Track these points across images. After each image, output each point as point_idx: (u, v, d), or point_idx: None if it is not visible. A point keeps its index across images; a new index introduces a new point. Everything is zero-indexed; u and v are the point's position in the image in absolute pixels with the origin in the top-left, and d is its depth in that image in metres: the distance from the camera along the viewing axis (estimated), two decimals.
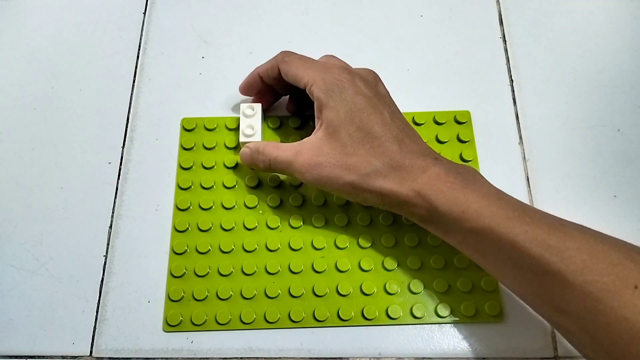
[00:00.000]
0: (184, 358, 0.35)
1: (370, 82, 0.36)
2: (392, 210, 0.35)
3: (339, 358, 0.36)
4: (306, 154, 0.35)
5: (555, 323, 0.30)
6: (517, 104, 0.44)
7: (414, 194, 0.32)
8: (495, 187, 0.32)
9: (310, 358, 0.35)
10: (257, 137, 0.39)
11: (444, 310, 0.36)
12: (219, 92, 0.44)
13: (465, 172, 0.33)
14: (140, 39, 0.46)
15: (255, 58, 0.45)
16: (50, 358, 0.36)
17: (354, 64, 0.38)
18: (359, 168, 0.33)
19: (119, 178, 0.41)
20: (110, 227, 0.39)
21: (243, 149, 0.39)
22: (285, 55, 0.38)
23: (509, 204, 0.30)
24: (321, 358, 0.35)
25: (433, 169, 0.32)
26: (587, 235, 0.28)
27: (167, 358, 0.35)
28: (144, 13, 0.47)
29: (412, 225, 0.38)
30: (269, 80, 0.39)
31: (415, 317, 0.36)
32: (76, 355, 0.36)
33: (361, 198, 0.34)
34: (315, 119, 0.36)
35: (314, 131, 0.36)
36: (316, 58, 0.39)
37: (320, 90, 0.35)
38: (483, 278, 0.37)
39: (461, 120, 0.42)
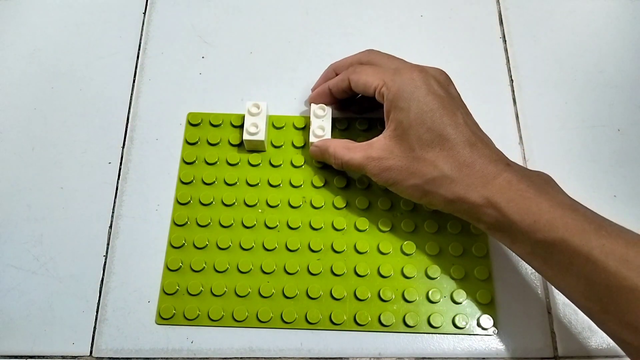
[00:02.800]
0: (184, 358, 0.35)
1: (442, 82, 0.35)
2: (458, 216, 0.34)
3: (339, 358, 0.36)
4: (375, 157, 0.34)
5: (623, 341, 0.28)
6: (517, 104, 0.43)
7: (484, 200, 0.31)
8: (570, 197, 0.31)
9: (310, 358, 0.35)
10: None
11: (437, 321, 0.36)
12: (219, 92, 0.44)
13: (539, 180, 0.32)
14: (140, 39, 0.46)
15: (255, 58, 0.45)
16: (50, 358, 0.36)
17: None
18: (426, 172, 0.32)
19: (119, 178, 0.41)
20: (110, 227, 0.39)
21: (312, 149, 0.39)
22: (357, 66, 0.38)
23: (585, 215, 0.29)
24: (321, 358, 0.35)
25: (504, 175, 0.31)
26: None
27: (167, 358, 0.35)
28: (144, 13, 0.47)
29: (410, 232, 0.38)
30: (338, 93, 0.39)
31: (407, 326, 0.36)
32: (76, 355, 0.36)
33: (427, 201, 0.34)
34: (385, 119, 0.35)
35: (384, 132, 0.35)
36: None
37: (390, 91, 0.34)
38: (479, 290, 0.37)
39: None
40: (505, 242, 0.32)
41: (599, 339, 0.36)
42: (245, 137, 0.39)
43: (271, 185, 0.40)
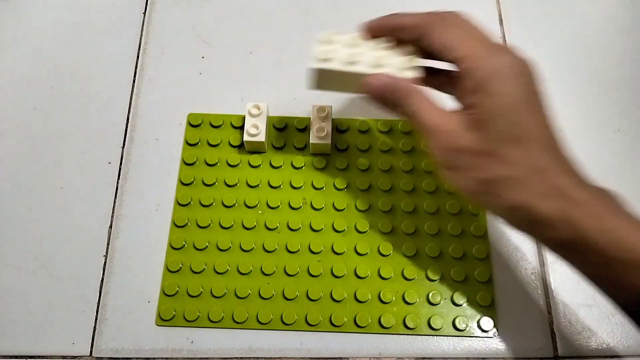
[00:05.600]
0: (184, 358, 0.35)
1: (535, 75, 0.30)
2: (518, 228, 0.30)
3: (339, 358, 0.36)
4: (448, 130, 0.30)
5: None
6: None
7: (558, 212, 0.27)
8: (636, 214, 0.28)
9: (310, 358, 0.35)
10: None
11: (437, 323, 0.36)
12: (219, 92, 0.44)
13: (612, 196, 0.29)
14: (140, 39, 0.46)
15: (255, 58, 0.45)
16: (50, 358, 0.36)
17: None
18: (496, 168, 0.28)
19: (119, 178, 0.41)
20: (110, 227, 0.39)
21: (369, 81, 0.32)
22: (441, 19, 0.32)
23: None
24: (321, 358, 0.36)
25: (583, 188, 0.28)
26: None
27: (167, 358, 0.35)
28: (144, 13, 0.47)
29: (411, 234, 0.38)
30: (402, 33, 0.33)
31: (407, 328, 0.36)
32: (76, 355, 0.36)
33: (487, 201, 0.30)
34: (461, 96, 0.31)
35: (461, 110, 0.30)
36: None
37: (484, 70, 0.29)
38: (480, 292, 0.37)
39: None
40: (576, 261, 0.29)
41: (599, 339, 0.36)
42: (246, 138, 0.39)
43: (271, 187, 0.40)
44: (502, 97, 0.29)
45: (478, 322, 0.36)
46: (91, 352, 0.36)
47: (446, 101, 0.32)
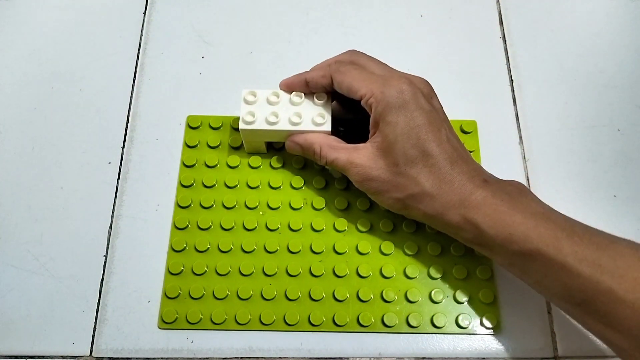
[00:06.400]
0: (183, 358, 0.35)
1: (427, 94, 0.35)
2: (438, 229, 0.35)
3: (339, 358, 0.36)
4: (360, 164, 0.35)
5: (608, 341, 0.29)
6: (517, 104, 0.44)
7: (460, 217, 0.32)
8: (544, 205, 0.32)
9: (310, 358, 0.35)
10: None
11: (440, 321, 0.36)
12: (219, 92, 0.44)
13: (514, 191, 0.32)
14: (140, 39, 0.46)
15: (255, 58, 0.45)
16: (50, 358, 0.36)
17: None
18: (408, 187, 0.33)
19: (119, 178, 0.41)
20: (110, 227, 0.39)
21: (290, 144, 0.38)
22: (341, 64, 0.37)
23: (557, 223, 0.30)
24: (321, 358, 0.35)
25: (480, 192, 0.32)
26: (639, 251, 0.28)
27: (167, 358, 0.35)
28: (144, 13, 0.47)
29: (411, 233, 0.38)
30: (315, 88, 0.38)
31: (410, 326, 0.36)
32: (76, 355, 0.36)
33: (407, 213, 0.35)
34: (371, 128, 0.35)
35: (370, 141, 0.35)
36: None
37: (380, 103, 0.34)
38: (482, 290, 0.37)
39: (467, 130, 0.42)
40: (486, 253, 0.33)
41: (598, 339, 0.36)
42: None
43: (272, 188, 0.40)
44: (398, 125, 0.33)
45: (481, 319, 0.36)
46: (91, 352, 0.36)
47: None
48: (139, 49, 0.46)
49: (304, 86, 0.38)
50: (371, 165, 0.34)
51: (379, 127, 0.34)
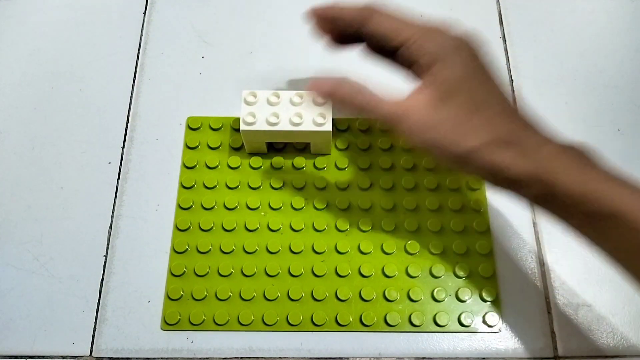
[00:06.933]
0: (183, 358, 0.35)
1: (478, 48, 0.32)
2: (499, 187, 0.30)
3: (339, 358, 0.36)
4: (417, 113, 0.30)
5: None
6: (517, 103, 0.44)
7: (530, 170, 0.28)
8: (612, 168, 0.29)
9: (310, 358, 0.35)
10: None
11: (442, 319, 0.36)
12: (219, 92, 0.44)
13: (584, 150, 0.30)
14: (140, 39, 0.46)
15: (255, 58, 0.45)
16: (50, 358, 0.35)
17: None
18: (473, 137, 0.29)
19: (119, 178, 0.41)
20: (110, 227, 0.39)
21: (324, 88, 0.33)
22: (378, 8, 0.33)
23: (636, 184, 0.28)
24: (321, 358, 0.35)
25: (551, 145, 0.29)
26: None
27: (167, 358, 0.35)
28: (144, 13, 0.47)
29: (413, 231, 0.38)
30: (344, 26, 0.34)
31: (413, 325, 0.36)
32: (76, 355, 0.36)
33: (468, 170, 0.31)
34: (420, 75, 0.31)
35: (420, 88, 0.31)
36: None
37: (430, 45, 0.30)
38: (484, 288, 0.37)
39: None
40: (554, 214, 0.30)
41: (599, 339, 0.36)
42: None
43: (273, 188, 0.40)
44: (458, 67, 0.30)
45: (483, 317, 0.36)
46: (91, 352, 0.36)
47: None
48: (139, 49, 0.46)
49: (328, 24, 0.34)
50: (431, 112, 0.30)
51: (435, 69, 0.30)
